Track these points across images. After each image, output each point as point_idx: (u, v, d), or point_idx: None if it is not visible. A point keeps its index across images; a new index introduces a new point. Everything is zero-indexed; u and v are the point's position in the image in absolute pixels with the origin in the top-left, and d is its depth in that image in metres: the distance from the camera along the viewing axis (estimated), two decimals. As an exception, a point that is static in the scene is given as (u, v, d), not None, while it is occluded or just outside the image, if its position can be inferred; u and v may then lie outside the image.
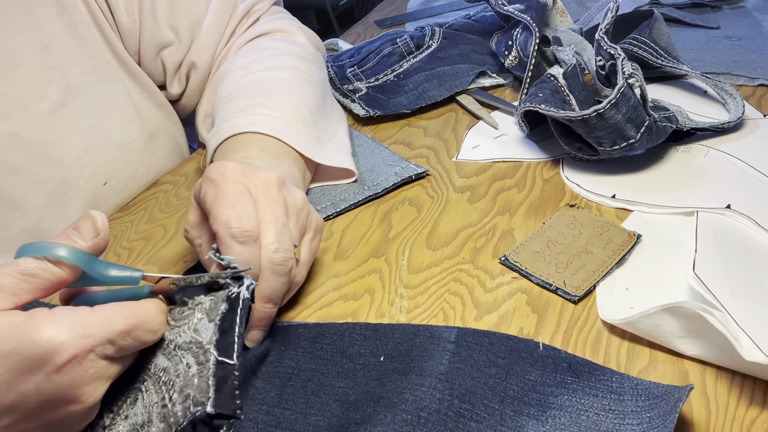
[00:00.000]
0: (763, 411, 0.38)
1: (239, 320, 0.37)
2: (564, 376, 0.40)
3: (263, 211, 0.44)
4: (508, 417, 0.38)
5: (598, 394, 0.38)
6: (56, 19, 0.59)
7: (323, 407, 0.40)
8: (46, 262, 0.35)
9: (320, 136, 0.62)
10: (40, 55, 0.58)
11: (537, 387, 0.39)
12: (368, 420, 0.38)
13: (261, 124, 0.57)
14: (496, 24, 0.86)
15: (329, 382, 0.42)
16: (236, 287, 0.39)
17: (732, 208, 0.52)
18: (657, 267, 0.48)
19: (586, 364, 0.40)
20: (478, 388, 0.39)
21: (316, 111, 0.63)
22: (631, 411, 0.37)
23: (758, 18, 0.88)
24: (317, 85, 0.66)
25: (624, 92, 0.55)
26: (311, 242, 0.48)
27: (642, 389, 0.38)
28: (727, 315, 0.40)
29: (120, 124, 0.64)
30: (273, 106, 0.59)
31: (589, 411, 0.38)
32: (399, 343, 0.43)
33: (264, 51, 0.67)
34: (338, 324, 0.46)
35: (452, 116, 0.74)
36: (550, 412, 0.38)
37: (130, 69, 0.65)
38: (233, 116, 0.59)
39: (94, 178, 0.62)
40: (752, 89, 0.71)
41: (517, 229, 0.54)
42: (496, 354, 0.42)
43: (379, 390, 0.40)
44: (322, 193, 0.61)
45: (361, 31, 1.05)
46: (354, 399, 0.40)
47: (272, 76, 0.63)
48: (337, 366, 0.43)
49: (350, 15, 2.65)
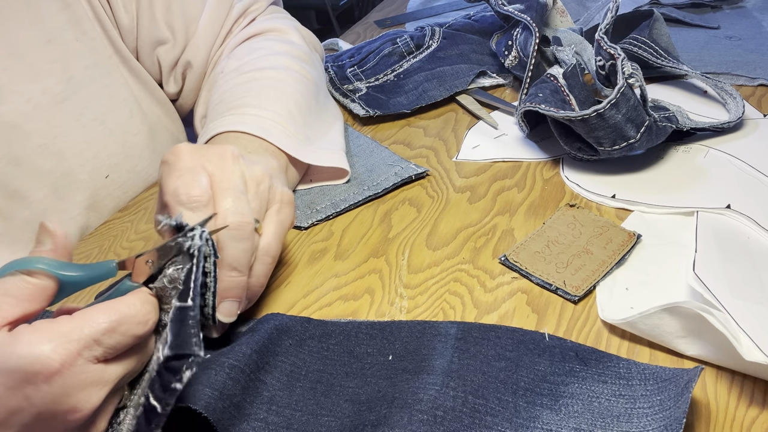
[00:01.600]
0: (763, 411, 0.38)
1: (195, 267, 0.36)
2: (572, 365, 0.40)
3: (218, 181, 0.44)
4: (522, 408, 0.38)
5: (607, 381, 0.39)
6: (59, 14, 0.59)
7: (334, 408, 0.40)
8: (21, 275, 0.34)
9: (311, 135, 0.62)
10: (43, 48, 0.58)
11: (547, 377, 0.40)
12: (384, 421, 0.38)
13: (247, 123, 0.57)
14: (496, 24, 0.86)
15: (338, 383, 0.42)
16: (190, 240, 0.37)
17: (732, 208, 0.52)
18: (657, 267, 0.48)
19: (592, 351, 0.41)
20: (490, 383, 0.40)
21: (307, 110, 0.63)
22: (641, 395, 0.38)
23: (758, 18, 0.88)
24: (309, 84, 0.66)
25: (624, 92, 0.55)
26: (277, 214, 0.48)
27: (650, 374, 0.38)
28: (727, 315, 0.40)
29: (121, 118, 0.64)
30: (262, 106, 0.59)
31: (600, 397, 0.38)
32: (406, 342, 0.44)
33: (257, 51, 0.67)
34: (344, 322, 0.46)
35: (452, 116, 0.74)
36: (563, 400, 0.38)
37: (130, 65, 0.66)
38: (221, 116, 0.59)
39: (96, 171, 0.63)
40: (752, 89, 0.71)
41: (517, 229, 0.54)
42: (504, 347, 0.42)
43: (391, 390, 0.40)
44: (322, 193, 0.61)
45: (361, 31, 1.05)
46: (365, 399, 0.40)
47: (263, 75, 0.64)
48: (345, 366, 0.43)
49: (350, 15, 2.65)
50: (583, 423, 0.37)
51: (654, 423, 0.36)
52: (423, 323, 0.45)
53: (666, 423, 0.35)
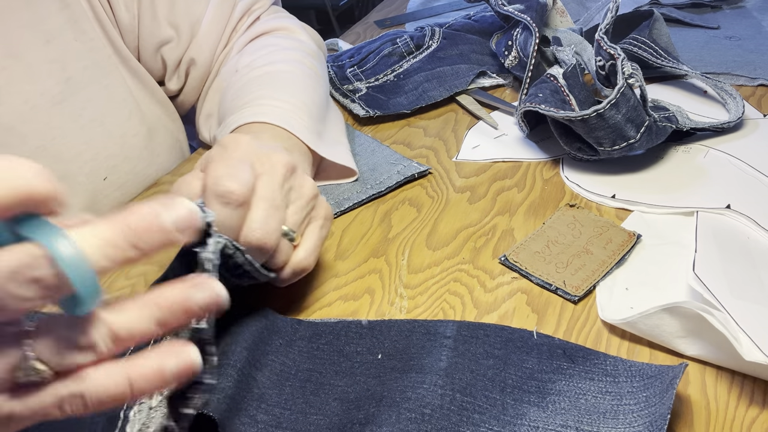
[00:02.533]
0: (763, 411, 0.38)
1: None
2: (560, 362, 0.41)
3: (261, 187, 0.43)
4: (510, 406, 0.38)
5: (594, 378, 0.39)
6: (58, 14, 0.59)
7: (323, 406, 0.40)
8: None
9: (322, 131, 0.62)
10: (41, 48, 0.58)
11: (535, 374, 0.40)
12: (372, 420, 0.38)
13: (269, 114, 0.56)
14: (496, 24, 0.86)
15: (328, 381, 0.42)
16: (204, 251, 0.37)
17: (732, 208, 0.52)
18: (657, 267, 0.48)
19: (579, 349, 0.41)
20: (478, 381, 0.40)
21: (319, 106, 0.63)
22: (627, 392, 0.38)
23: (758, 18, 0.88)
24: (320, 80, 0.67)
25: (624, 92, 0.55)
26: (320, 230, 0.47)
27: (636, 370, 0.39)
28: (727, 315, 0.40)
29: (120, 120, 0.64)
30: (280, 98, 0.59)
31: (587, 394, 0.38)
32: (395, 340, 0.44)
33: (267, 47, 0.67)
34: (334, 322, 0.46)
35: (452, 116, 0.74)
36: (550, 398, 0.39)
37: (130, 65, 0.66)
38: (240, 109, 0.58)
39: (95, 173, 0.62)
40: (752, 89, 0.71)
41: (517, 229, 0.54)
42: (493, 345, 0.42)
43: (380, 389, 0.40)
44: (325, 192, 0.61)
45: (361, 31, 1.05)
46: (354, 397, 0.40)
47: (277, 69, 0.64)
48: (335, 365, 0.43)
49: (350, 15, 2.65)
50: (569, 420, 0.37)
51: (639, 419, 0.36)
52: (412, 322, 0.45)
53: (651, 419, 0.35)
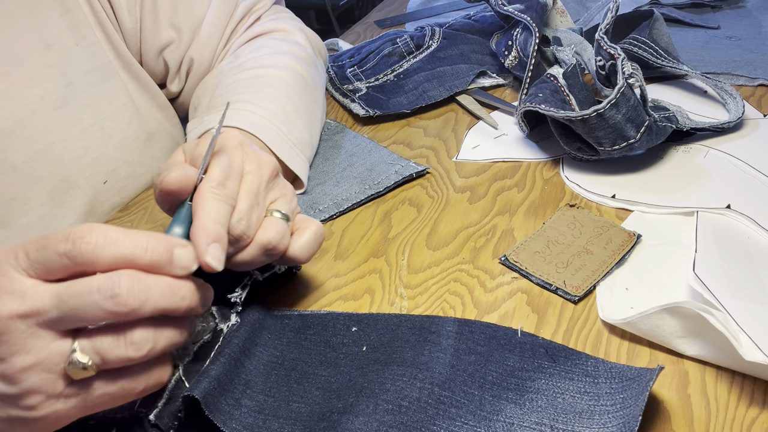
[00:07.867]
0: (763, 411, 0.38)
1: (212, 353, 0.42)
2: (541, 361, 0.41)
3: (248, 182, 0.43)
4: (487, 402, 0.39)
5: (574, 378, 0.39)
6: (59, 19, 0.59)
7: (305, 395, 0.41)
8: None
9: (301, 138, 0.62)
10: (42, 54, 0.58)
11: (515, 372, 0.40)
12: (350, 409, 0.39)
13: (238, 119, 0.57)
14: (496, 24, 0.86)
15: (312, 371, 0.43)
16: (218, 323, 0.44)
17: (732, 208, 0.52)
18: (657, 267, 0.48)
19: (562, 349, 0.41)
20: (458, 375, 0.40)
21: (302, 111, 0.63)
22: (605, 393, 0.38)
23: (758, 18, 0.88)
24: (307, 86, 0.67)
25: (624, 92, 0.55)
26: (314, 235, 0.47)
27: (616, 372, 0.39)
28: (727, 315, 0.40)
29: (120, 124, 0.64)
30: (256, 103, 0.59)
31: (565, 394, 0.39)
32: (381, 333, 0.44)
33: (261, 49, 0.67)
34: (322, 314, 0.47)
35: (452, 116, 0.74)
36: (528, 395, 0.39)
37: (132, 69, 0.66)
38: (216, 110, 0.59)
39: (94, 177, 0.62)
40: (752, 89, 0.71)
41: (517, 229, 0.54)
42: (476, 342, 0.43)
43: (361, 380, 0.41)
44: (324, 192, 0.61)
45: (361, 31, 1.05)
46: (336, 387, 0.41)
47: (264, 74, 0.64)
48: (320, 355, 0.44)
49: (350, 15, 2.65)
50: (545, 418, 0.37)
51: (614, 420, 0.36)
52: (399, 316, 0.45)
53: (624, 420, 0.35)
